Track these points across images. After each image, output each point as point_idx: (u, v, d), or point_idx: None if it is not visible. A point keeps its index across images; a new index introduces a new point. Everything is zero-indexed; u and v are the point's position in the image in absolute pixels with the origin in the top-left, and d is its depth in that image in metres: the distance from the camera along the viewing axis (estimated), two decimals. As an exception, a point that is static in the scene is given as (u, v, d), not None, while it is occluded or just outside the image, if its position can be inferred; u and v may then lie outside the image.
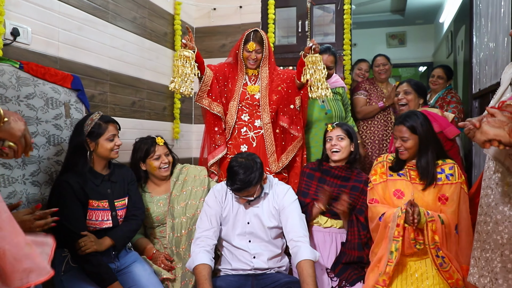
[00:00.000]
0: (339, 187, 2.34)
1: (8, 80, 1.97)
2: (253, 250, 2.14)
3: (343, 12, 3.80)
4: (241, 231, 2.17)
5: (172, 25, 3.75)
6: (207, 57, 4.08)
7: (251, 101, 2.73)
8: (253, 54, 2.65)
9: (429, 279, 1.96)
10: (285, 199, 2.17)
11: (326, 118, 2.94)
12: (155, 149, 2.44)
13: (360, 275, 2.17)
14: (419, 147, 2.11)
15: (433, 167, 2.09)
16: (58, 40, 2.38)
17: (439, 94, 3.79)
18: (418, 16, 6.98)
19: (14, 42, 2.09)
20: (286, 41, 4.11)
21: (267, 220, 2.15)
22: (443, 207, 2.07)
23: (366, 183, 2.30)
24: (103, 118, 2.14)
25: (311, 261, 1.95)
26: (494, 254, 1.55)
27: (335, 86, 3.06)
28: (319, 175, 2.40)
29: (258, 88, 2.73)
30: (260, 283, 2.10)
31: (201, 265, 1.97)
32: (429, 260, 2.01)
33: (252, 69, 2.75)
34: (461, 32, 5.04)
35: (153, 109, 3.47)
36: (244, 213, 2.18)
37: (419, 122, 2.10)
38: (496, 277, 1.53)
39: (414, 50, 7.54)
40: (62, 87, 2.26)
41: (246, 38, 2.66)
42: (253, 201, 2.17)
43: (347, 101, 3.21)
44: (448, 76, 3.80)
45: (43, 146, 2.15)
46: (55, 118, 2.22)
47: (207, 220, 2.16)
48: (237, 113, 2.72)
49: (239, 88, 2.75)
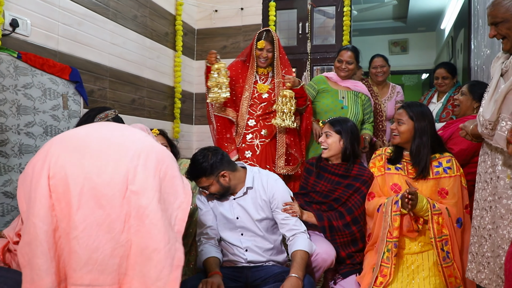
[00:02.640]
0: (335, 184, 2.31)
1: (6, 69, 2.00)
2: (244, 243, 2.13)
3: (343, 14, 3.82)
4: (232, 226, 2.16)
5: (174, 25, 3.79)
6: (208, 59, 4.13)
7: (258, 100, 2.77)
8: (264, 52, 2.73)
9: (424, 270, 1.93)
10: (276, 189, 2.16)
11: (341, 112, 2.93)
12: None
13: (354, 269, 2.14)
14: (414, 135, 2.10)
15: (425, 155, 2.07)
16: (57, 34, 2.42)
17: (449, 93, 3.59)
18: (420, 23, 7.00)
19: (13, 33, 2.12)
20: (286, 43, 4.14)
21: (254, 213, 2.14)
22: (444, 200, 2.05)
23: (365, 182, 2.26)
24: (116, 119, 2.14)
25: (306, 252, 1.94)
26: (501, 251, 1.52)
27: (358, 90, 3.06)
28: (316, 170, 2.39)
29: (268, 87, 2.78)
30: (255, 275, 2.09)
31: (211, 258, 2.01)
32: (426, 254, 1.99)
33: (262, 67, 2.81)
34: (460, 36, 5.05)
35: (153, 108, 3.49)
36: (231, 208, 2.17)
37: (420, 110, 2.10)
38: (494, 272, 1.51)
39: (417, 57, 7.54)
40: (60, 79, 2.29)
41: (258, 36, 2.75)
42: (237, 196, 2.16)
43: (368, 111, 3.12)
44: (452, 74, 3.45)
45: (40, 136, 2.17)
46: (52, 109, 2.24)
47: (204, 218, 2.19)
48: (247, 112, 2.77)
49: (250, 86, 2.80)
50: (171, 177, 1.21)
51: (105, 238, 1.08)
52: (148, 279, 1.08)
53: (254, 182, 2.19)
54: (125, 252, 1.10)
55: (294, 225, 2.07)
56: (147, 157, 1.19)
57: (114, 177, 1.12)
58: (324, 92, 3.02)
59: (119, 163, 1.14)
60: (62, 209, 1.08)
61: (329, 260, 2.04)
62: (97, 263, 1.06)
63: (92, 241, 1.06)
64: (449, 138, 2.51)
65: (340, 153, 2.32)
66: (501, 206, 1.52)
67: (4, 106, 2.04)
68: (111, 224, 1.09)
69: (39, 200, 1.08)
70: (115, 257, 1.09)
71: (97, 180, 1.10)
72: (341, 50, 3.03)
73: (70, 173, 1.10)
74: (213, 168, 2.05)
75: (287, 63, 2.86)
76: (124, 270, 1.10)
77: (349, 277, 2.11)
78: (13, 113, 2.07)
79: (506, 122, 1.48)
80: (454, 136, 2.48)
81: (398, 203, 1.95)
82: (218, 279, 1.88)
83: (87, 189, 1.09)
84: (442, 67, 3.47)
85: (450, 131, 2.52)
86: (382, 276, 1.92)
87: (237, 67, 2.86)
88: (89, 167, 1.12)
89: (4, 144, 2.05)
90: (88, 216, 1.08)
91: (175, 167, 1.26)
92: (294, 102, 2.62)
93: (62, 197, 1.08)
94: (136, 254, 1.10)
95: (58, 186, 1.09)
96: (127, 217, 1.11)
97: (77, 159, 1.13)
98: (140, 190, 1.12)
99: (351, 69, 3.01)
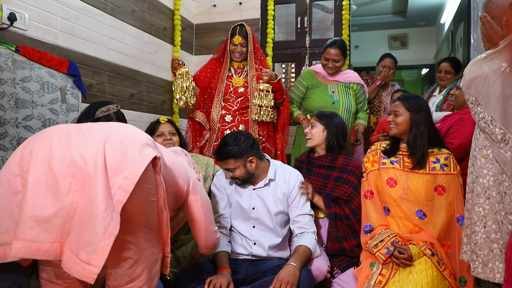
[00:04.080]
0: (324, 177, 2.31)
1: (4, 62, 2.00)
2: (254, 236, 2.14)
3: (342, 8, 3.82)
4: (246, 216, 2.17)
5: (172, 20, 3.79)
6: (207, 53, 4.13)
7: (234, 94, 2.78)
8: (239, 47, 2.75)
9: (421, 263, 1.94)
10: (296, 185, 2.17)
11: (333, 107, 2.90)
12: (158, 127, 2.51)
13: (352, 262, 2.15)
14: (410, 126, 2.10)
15: (422, 145, 2.07)
16: (55, 28, 2.42)
17: (451, 86, 3.62)
18: (419, 18, 6.98)
19: (11, 27, 2.13)
20: (285, 37, 4.14)
21: (272, 205, 2.15)
22: (440, 197, 2.04)
23: (352, 172, 2.25)
24: (118, 114, 2.16)
25: (309, 249, 1.98)
26: (477, 227, 1.58)
27: (349, 81, 3.02)
28: (306, 166, 2.40)
29: (243, 81, 2.79)
30: (255, 268, 2.09)
31: (221, 252, 2.04)
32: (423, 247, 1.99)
33: (237, 62, 2.82)
34: (460, 30, 5.04)
35: (152, 102, 3.49)
36: (250, 198, 2.17)
37: (416, 102, 2.10)
38: (482, 248, 1.55)
39: (416, 52, 7.51)
40: (58, 72, 2.29)
41: (232, 32, 2.77)
42: (257, 187, 2.17)
43: (362, 99, 3.10)
44: (456, 70, 3.43)
45: (38, 129, 2.18)
46: (51, 103, 2.25)
47: (218, 205, 2.20)
48: (221, 109, 2.79)
49: (223, 81, 2.82)
50: (125, 147, 1.22)
51: (51, 198, 1.14)
52: (81, 241, 1.12)
53: (276, 175, 2.20)
54: (69, 214, 1.15)
55: (306, 224, 2.10)
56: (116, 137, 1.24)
57: (73, 150, 1.18)
58: (313, 88, 2.98)
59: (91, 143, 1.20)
60: (23, 174, 1.16)
61: (321, 276, 2.05)
62: (40, 220, 1.12)
63: (39, 200, 1.13)
64: (447, 132, 2.51)
65: (324, 143, 2.34)
66: (477, 185, 1.59)
67: (2, 100, 2.04)
68: (57, 186, 1.14)
69: (7, 165, 1.19)
70: (59, 217, 1.14)
71: (57, 150, 1.17)
72: (327, 47, 2.94)
73: (40, 145, 1.18)
74: (243, 152, 2.08)
75: (262, 57, 2.89)
76: (68, 230, 1.15)
77: (347, 270, 2.12)
78: (11, 106, 2.08)
79: None
80: (453, 130, 2.47)
81: (389, 250, 1.96)
82: (227, 278, 1.90)
83: (46, 155, 1.16)
84: (447, 61, 3.46)
85: (448, 124, 2.51)
86: (380, 275, 1.93)
87: (211, 65, 2.90)
88: (59, 142, 1.19)
89: (2, 138, 2.06)
90: (38, 178, 1.14)
91: (138, 141, 1.26)
92: (272, 96, 2.64)
93: (26, 163, 1.16)
94: (78, 216, 1.15)
95: (26, 155, 1.18)
96: (74, 180, 1.16)
97: (57, 138, 1.20)
98: (88, 157, 1.17)
99: (338, 67, 2.97)
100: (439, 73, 3.46)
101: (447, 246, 2.00)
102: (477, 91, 1.58)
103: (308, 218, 2.13)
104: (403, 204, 2.06)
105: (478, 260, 1.59)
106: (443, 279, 1.89)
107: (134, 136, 1.27)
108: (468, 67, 1.62)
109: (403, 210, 2.06)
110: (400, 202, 2.06)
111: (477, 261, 1.59)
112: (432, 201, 2.04)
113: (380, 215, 2.09)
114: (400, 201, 2.06)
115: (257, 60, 2.83)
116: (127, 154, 1.19)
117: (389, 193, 2.09)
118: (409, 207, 2.05)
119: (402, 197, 2.06)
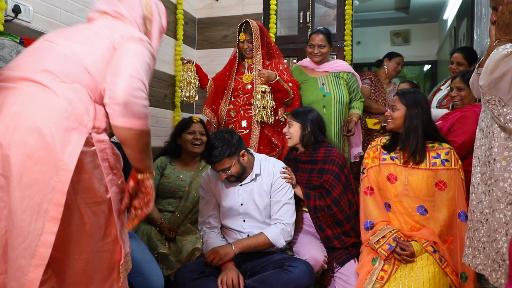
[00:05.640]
0: (309, 172, 2.33)
1: (8, 54, 2.01)
2: (247, 229, 2.17)
3: (345, 3, 3.81)
4: (235, 212, 2.19)
5: (175, 14, 3.78)
6: (209, 48, 4.13)
7: (242, 91, 2.81)
8: (245, 44, 2.80)
9: (423, 259, 1.94)
10: (279, 175, 2.20)
11: (324, 100, 2.87)
12: (190, 125, 2.63)
13: (351, 254, 2.16)
14: (404, 120, 2.10)
15: (415, 140, 2.04)
16: (59, 21, 2.43)
17: None
18: (422, 14, 6.97)
19: (16, 19, 2.13)
20: (287, 32, 4.13)
21: (259, 199, 2.17)
22: (441, 192, 2.03)
23: (333, 161, 2.26)
24: None
25: (268, 239, 2.05)
26: (498, 235, 1.50)
27: (338, 70, 2.96)
28: (293, 164, 2.41)
29: (252, 77, 2.82)
30: (254, 262, 2.12)
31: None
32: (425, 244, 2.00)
33: (250, 58, 2.86)
34: (463, 26, 5.02)
35: (154, 96, 3.50)
36: (237, 194, 2.19)
37: (413, 97, 2.10)
38: (505, 258, 1.48)
39: (419, 48, 7.50)
40: (61, 65, 2.30)
41: (238, 30, 2.83)
42: (244, 183, 2.19)
43: (354, 88, 3.01)
44: (469, 61, 3.05)
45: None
46: (54, 95, 2.25)
47: (207, 206, 2.24)
48: (228, 104, 2.85)
49: (232, 78, 2.89)
50: (46, 156, 0.97)
51: None
52: (8, 275, 0.96)
53: (262, 169, 2.22)
54: (4, 241, 0.98)
55: (280, 215, 2.14)
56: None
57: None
58: (303, 83, 2.95)
59: None
60: None
61: (317, 266, 2.07)
62: None
63: None
64: (449, 130, 2.50)
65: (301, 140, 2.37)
66: (497, 189, 1.51)
67: (6, 92, 2.04)
68: None
69: None
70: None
71: None
72: (312, 34, 2.92)
73: None
74: (236, 148, 2.10)
75: (278, 51, 2.91)
76: (4, 260, 0.99)
77: (347, 263, 2.14)
78: (16, 98, 2.08)
79: None
80: (455, 128, 2.46)
81: (391, 246, 1.97)
82: (235, 270, 1.94)
83: None
84: (459, 51, 3.08)
85: (450, 122, 2.50)
86: (382, 270, 1.94)
87: (229, 63, 2.98)
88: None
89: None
90: None
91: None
92: (271, 97, 2.64)
93: None
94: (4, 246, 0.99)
95: None
96: (1, 208, 0.98)
97: None
98: (8, 174, 0.97)
99: (324, 53, 2.90)
100: (451, 65, 3.13)
101: (450, 241, 2.01)
102: (504, 91, 1.43)
103: (285, 208, 2.15)
104: (404, 200, 2.06)
105: (501, 271, 1.49)
106: (444, 275, 1.89)
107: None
108: (492, 65, 1.44)
109: (404, 206, 2.06)
110: (401, 198, 2.07)
111: (500, 271, 1.49)
112: (433, 197, 2.04)
113: (381, 211, 2.09)
114: (401, 197, 2.07)
115: (270, 56, 2.85)
116: (47, 158, 1.00)
117: (389, 189, 2.09)
118: (410, 203, 2.05)
119: (402, 193, 2.06)
